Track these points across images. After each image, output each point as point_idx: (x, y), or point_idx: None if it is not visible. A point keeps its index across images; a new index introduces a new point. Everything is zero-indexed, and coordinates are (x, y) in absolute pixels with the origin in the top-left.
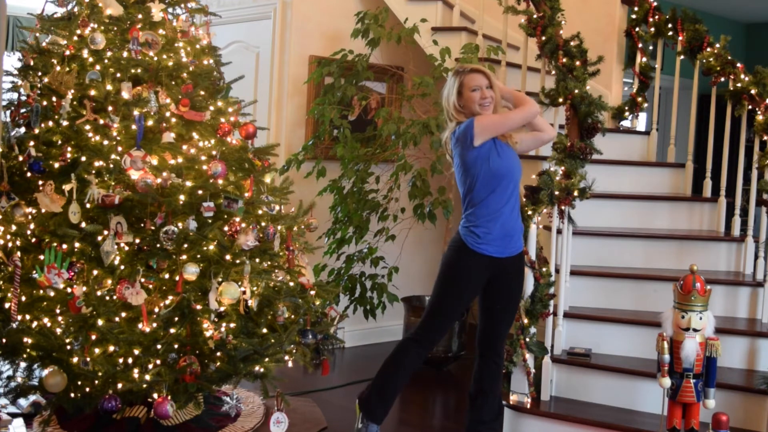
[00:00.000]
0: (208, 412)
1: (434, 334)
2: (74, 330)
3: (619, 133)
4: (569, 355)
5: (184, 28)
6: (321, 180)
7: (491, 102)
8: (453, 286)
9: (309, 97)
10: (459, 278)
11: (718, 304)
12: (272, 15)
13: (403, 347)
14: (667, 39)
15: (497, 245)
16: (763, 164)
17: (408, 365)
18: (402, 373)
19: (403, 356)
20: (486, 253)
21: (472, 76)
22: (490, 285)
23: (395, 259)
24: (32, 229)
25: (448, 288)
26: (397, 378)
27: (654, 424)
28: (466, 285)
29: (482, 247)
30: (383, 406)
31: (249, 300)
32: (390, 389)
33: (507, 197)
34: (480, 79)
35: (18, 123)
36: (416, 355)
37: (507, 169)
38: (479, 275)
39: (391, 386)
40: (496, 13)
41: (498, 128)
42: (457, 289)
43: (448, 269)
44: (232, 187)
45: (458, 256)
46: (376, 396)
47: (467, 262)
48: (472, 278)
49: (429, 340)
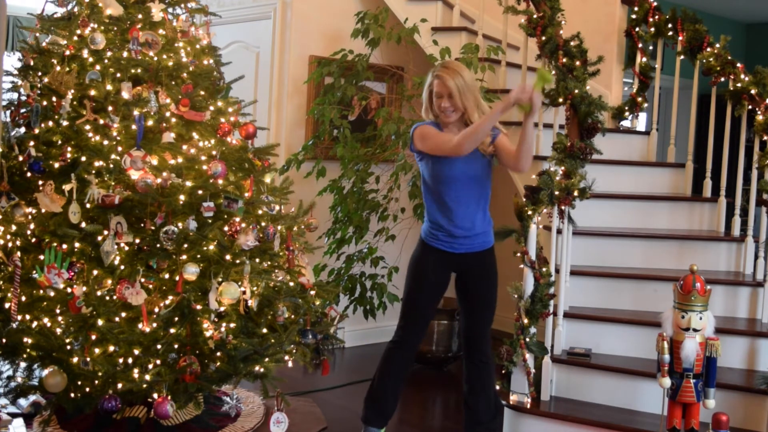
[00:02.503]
0: (208, 412)
1: (409, 334)
2: (74, 330)
3: (619, 133)
4: (569, 355)
5: (184, 28)
6: (321, 180)
7: (453, 111)
8: (413, 280)
9: (309, 97)
10: (417, 272)
11: (718, 304)
12: (272, 15)
13: (386, 351)
14: (667, 39)
15: (447, 241)
16: (763, 164)
17: (394, 369)
18: (389, 377)
19: (387, 361)
20: (438, 247)
21: (437, 81)
22: (462, 284)
23: (395, 259)
24: (32, 229)
25: (411, 283)
26: (384, 383)
27: (654, 424)
28: (424, 279)
29: (432, 242)
30: (379, 413)
31: (249, 300)
32: (380, 394)
33: (455, 197)
34: (441, 86)
35: (18, 123)
36: (400, 358)
37: (450, 175)
38: (437, 269)
39: (380, 391)
40: (496, 13)
41: (432, 149)
42: (418, 283)
43: (410, 264)
44: (232, 187)
45: (417, 249)
46: (369, 401)
47: (424, 255)
48: (429, 272)
49: (407, 341)
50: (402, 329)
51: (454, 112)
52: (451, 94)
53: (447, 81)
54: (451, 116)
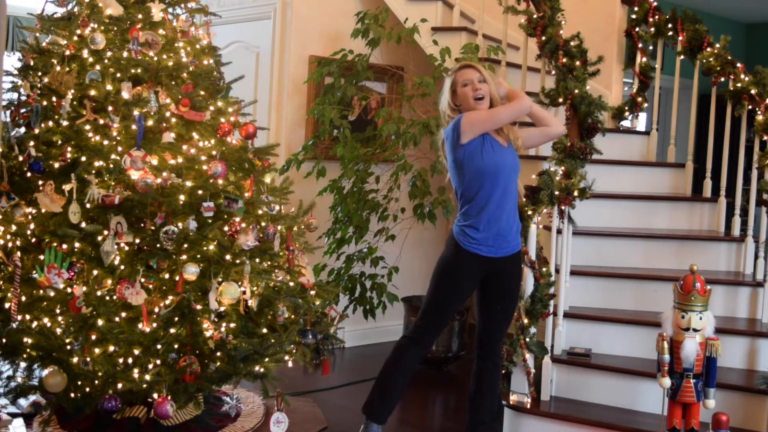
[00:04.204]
0: (208, 412)
1: (430, 333)
2: (74, 330)
3: (619, 133)
4: (569, 355)
5: (184, 28)
6: (321, 180)
7: (484, 95)
8: (447, 284)
9: (309, 97)
10: (452, 276)
11: (718, 304)
12: (272, 15)
13: (400, 346)
14: (667, 39)
15: (489, 245)
16: (763, 164)
17: (406, 364)
18: (400, 372)
19: (401, 356)
20: (478, 253)
21: (462, 72)
22: (488, 285)
23: (395, 259)
24: (32, 229)
25: (443, 286)
26: (396, 378)
27: (654, 424)
28: (459, 283)
29: (473, 246)
30: (384, 407)
31: (249, 300)
32: (390, 389)
33: (498, 195)
34: (470, 73)
35: (18, 123)
36: (414, 353)
37: (495, 166)
38: (472, 274)
39: (390, 386)
40: (496, 13)
41: (486, 124)
42: (451, 287)
43: (443, 267)
44: (232, 187)
45: (452, 254)
46: (378, 396)
47: (460, 260)
48: (465, 277)
49: (425, 339)
50: (421, 328)
51: (486, 98)
52: (481, 78)
53: (475, 67)
54: (484, 102)
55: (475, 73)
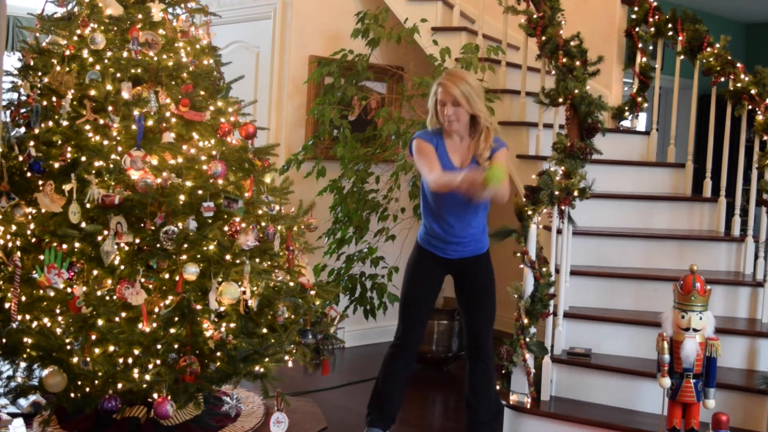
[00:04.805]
0: (208, 412)
1: (408, 333)
2: (74, 330)
3: (619, 133)
4: (569, 355)
5: (184, 28)
6: (321, 180)
7: (453, 120)
8: (409, 281)
9: (309, 97)
10: (413, 274)
11: (718, 304)
12: (272, 15)
13: (387, 356)
14: (667, 39)
15: (440, 247)
16: (763, 164)
17: (395, 371)
18: (390, 378)
19: (389, 365)
20: (431, 251)
21: (441, 89)
22: (458, 283)
23: (395, 259)
24: (32, 229)
25: (406, 284)
26: (387, 385)
27: (654, 424)
28: (418, 280)
29: (426, 245)
30: (383, 415)
31: (249, 300)
32: (382, 395)
33: (449, 205)
34: (446, 95)
35: (18, 123)
36: (400, 359)
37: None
38: (431, 270)
39: (382, 392)
40: (496, 13)
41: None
42: (413, 284)
43: (407, 266)
44: (232, 187)
45: (413, 252)
46: (373, 404)
47: (419, 258)
48: (423, 273)
49: (406, 341)
50: (399, 331)
51: (457, 121)
52: (456, 101)
53: (451, 89)
54: (454, 124)
55: (450, 96)
